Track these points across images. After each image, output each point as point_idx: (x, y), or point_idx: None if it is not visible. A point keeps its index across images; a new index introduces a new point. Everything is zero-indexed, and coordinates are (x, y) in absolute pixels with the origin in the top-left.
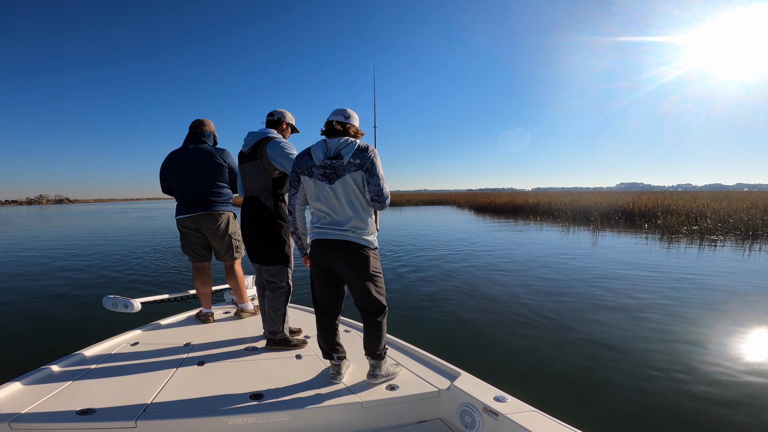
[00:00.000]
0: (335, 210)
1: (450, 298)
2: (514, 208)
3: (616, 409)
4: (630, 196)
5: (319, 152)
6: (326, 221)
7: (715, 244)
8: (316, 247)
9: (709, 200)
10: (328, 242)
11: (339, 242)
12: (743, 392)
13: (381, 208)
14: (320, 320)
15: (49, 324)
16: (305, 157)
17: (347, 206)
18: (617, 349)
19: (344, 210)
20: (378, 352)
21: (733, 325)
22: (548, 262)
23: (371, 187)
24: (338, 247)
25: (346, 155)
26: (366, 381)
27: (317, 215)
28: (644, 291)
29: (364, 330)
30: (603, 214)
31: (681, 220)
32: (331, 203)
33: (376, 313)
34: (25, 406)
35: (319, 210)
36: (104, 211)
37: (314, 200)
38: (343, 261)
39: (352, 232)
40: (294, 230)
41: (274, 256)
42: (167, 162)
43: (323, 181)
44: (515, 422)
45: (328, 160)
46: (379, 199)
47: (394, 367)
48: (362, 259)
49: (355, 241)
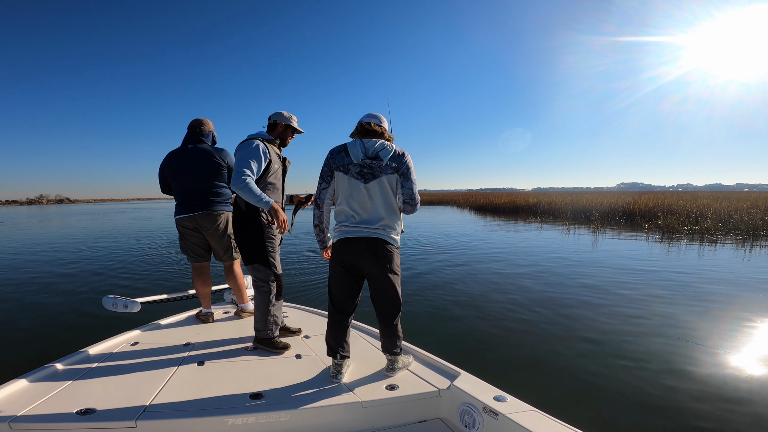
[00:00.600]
0: (366, 209)
1: (450, 298)
2: (514, 208)
3: (616, 409)
4: (630, 196)
5: (358, 151)
6: (355, 220)
7: (716, 244)
8: (343, 244)
9: (709, 200)
10: (357, 240)
11: (368, 239)
12: (744, 392)
13: (411, 211)
14: (334, 317)
15: (48, 324)
16: (341, 154)
17: (380, 206)
18: (617, 349)
19: (376, 209)
20: (396, 349)
21: (735, 324)
22: (548, 262)
23: (405, 191)
24: (366, 244)
25: (384, 157)
26: (365, 381)
27: (345, 213)
28: (644, 291)
29: (382, 329)
30: (603, 214)
31: (681, 220)
32: (363, 202)
33: (396, 310)
34: (25, 406)
35: (350, 208)
36: (104, 211)
37: (345, 197)
38: (371, 257)
39: (382, 230)
40: (318, 223)
41: (248, 255)
42: (166, 162)
43: (358, 179)
44: (515, 422)
45: (367, 160)
46: (411, 202)
47: (408, 357)
48: (388, 255)
49: (383, 238)
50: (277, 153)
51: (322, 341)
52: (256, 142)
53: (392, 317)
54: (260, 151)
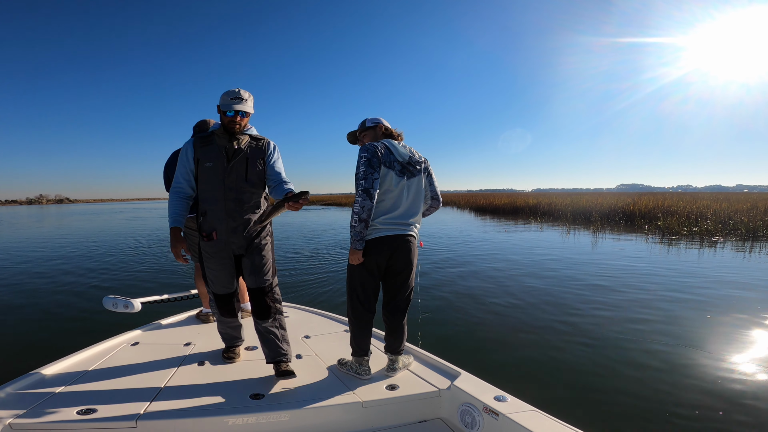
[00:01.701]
0: (401, 205)
1: (450, 298)
2: (514, 209)
3: (616, 409)
4: (630, 197)
5: (404, 151)
6: (391, 216)
7: (716, 245)
8: (379, 244)
9: (709, 201)
10: (396, 238)
11: (405, 237)
12: (744, 392)
13: (437, 206)
14: (365, 317)
15: (49, 324)
16: (386, 150)
17: (415, 203)
18: (617, 350)
19: (411, 206)
20: (401, 348)
21: (734, 326)
22: (549, 263)
23: (433, 188)
24: (403, 242)
25: (420, 159)
26: (365, 381)
27: (383, 208)
28: (644, 292)
29: (392, 329)
30: (603, 215)
31: (681, 221)
32: (401, 198)
33: (407, 307)
34: (25, 406)
35: (389, 202)
36: (104, 211)
37: (385, 192)
38: (407, 254)
39: (414, 227)
40: (367, 217)
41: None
42: (171, 161)
43: (400, 177)
44: (515, 422)
45: (412, 159)
46: (438, 198)
47: (408, 357)
48: (416, 251)
49: (415, 234)
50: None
51: (322, 341)
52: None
53: (405, 313)
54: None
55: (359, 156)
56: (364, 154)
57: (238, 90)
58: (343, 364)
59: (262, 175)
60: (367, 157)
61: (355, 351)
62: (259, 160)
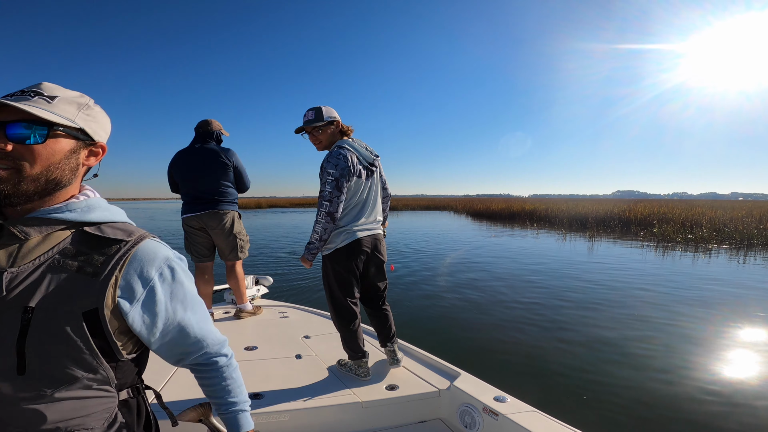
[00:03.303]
0: (368, 205)
1: (450, 298)
2: (511, 214)
3: (616, 410)
4: (626, 204)
5: (366, 153)
6: (362, 220)
7: (710, 253)
8: (355, 247)
9: (704, 209)
10: (369, 239)
11: (376, 235)
12: (743, 393)
13: (389, 196)
14: (354, 319)
15: None
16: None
17: (377, 199)
18: (616, 350)
19: (375, 203)
20: (394, 332)
21: (733, 328)
22: (547, 266)
23: (383, 179)
24: (377, 240)
25: (375, 154)
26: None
27: (352, 215)
28: (643, 294)
29: (379, 317)
30: (599, 221)
31: (677, 228)
32: (368, 200)
33: (385, 292)
34: None
35: (358, 208)
36: None
37: (353, 197)
38: (379, 251)
39: (381, 223)
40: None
41: None
42: (174, 161)
43: (367, 179)
44: (515, 422)
45: (371, 158)
46: (388, 189)
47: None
48: (385, 244)
49: (383, 232)
50: None
51: (322, 341)
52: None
53: (385, 297)
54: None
55: (326, 171)
56: (332, 172)
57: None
58: (342, 364)
59: None
60: (336, 177)
61: (351, 356)
62: None
